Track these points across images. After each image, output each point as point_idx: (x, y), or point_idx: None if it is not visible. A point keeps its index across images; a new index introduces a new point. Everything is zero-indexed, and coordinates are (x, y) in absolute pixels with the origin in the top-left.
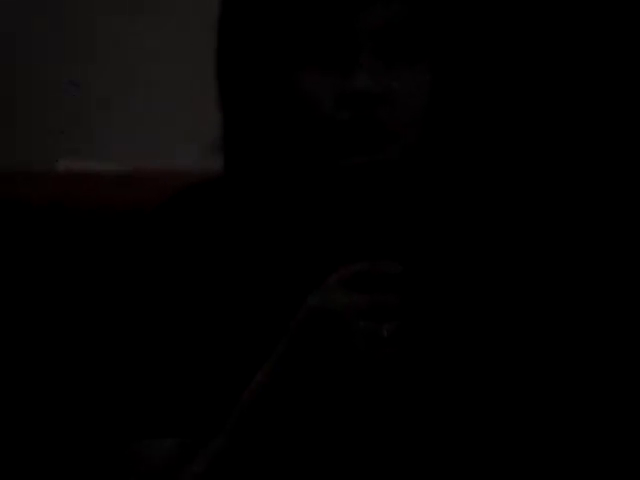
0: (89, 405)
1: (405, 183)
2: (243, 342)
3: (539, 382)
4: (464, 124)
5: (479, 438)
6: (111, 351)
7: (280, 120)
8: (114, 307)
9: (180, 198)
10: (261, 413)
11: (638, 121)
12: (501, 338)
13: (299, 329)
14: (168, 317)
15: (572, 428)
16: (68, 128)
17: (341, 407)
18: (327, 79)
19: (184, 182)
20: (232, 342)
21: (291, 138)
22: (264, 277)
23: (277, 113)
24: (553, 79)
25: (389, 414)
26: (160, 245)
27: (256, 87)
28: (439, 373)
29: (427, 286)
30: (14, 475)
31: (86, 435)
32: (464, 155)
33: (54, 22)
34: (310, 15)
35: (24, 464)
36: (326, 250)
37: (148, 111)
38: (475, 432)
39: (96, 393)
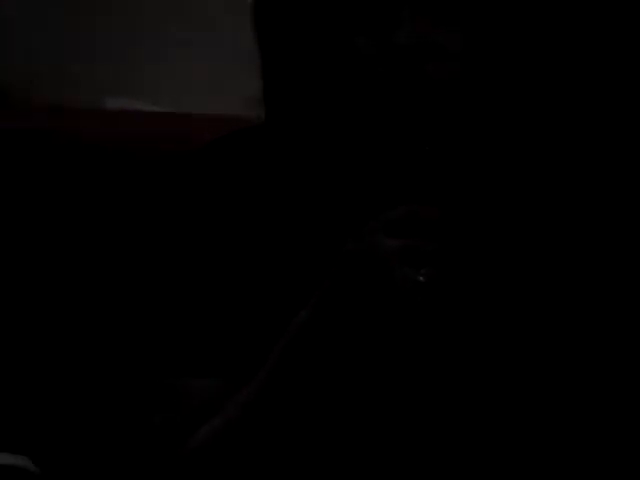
0: (130, 340)
1: (446, 132)
2: (284, 285)
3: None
4: (506, 83)
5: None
6: (154, 285)
7: (325, 80)
8: (157, 241)
9: (222, 142)
10: (300, 355)
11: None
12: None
13: (339, 271)
14: (209, 256)
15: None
16: (117, 67)
17: (378, 350)
18: (368, 37)
19: (228, 127)
20: (273, 285)
21: (335, 95)
22: (305, 220)
23: (322, 73)
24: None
25: (421, 360)
26: (202, 185)
27: (296, 45)
28: (469, 322)
29: (465, 233)
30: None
31: (125, 370)
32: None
33: None
34: None
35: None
36: (366, 195)
37: (197, 57)
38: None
39: (137, 327)
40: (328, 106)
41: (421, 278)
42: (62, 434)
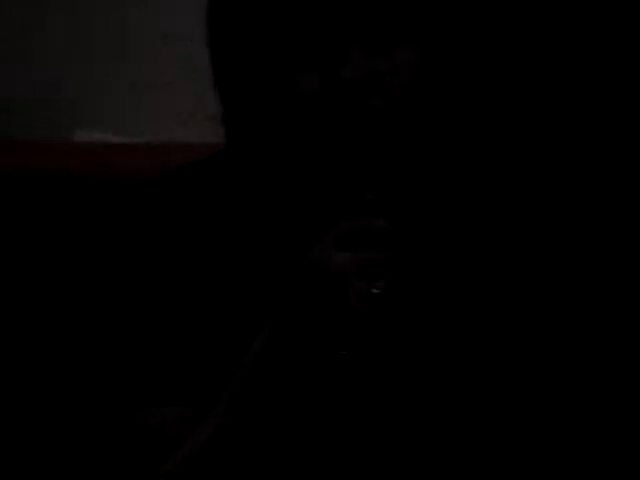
0: (91, 375)
1: (396, 145)
2: (241, 304)
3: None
4: (455, 102)
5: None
6: (113, 316)
7: (273, 113)
8: (118, 272)
9: (184, 171)
10: (260, 375)
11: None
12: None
13: (293, 289)
14: (167, 283)
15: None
16: (84, 102)
17: (336, 367)
18: (314, 73)
19: (191, 154)
20: (230, 305)
21: (285, 129)
22: (260, 240)
23: (270, 106)
24: (543, 66)
25: (382, 371)
26: (163, 213)
27: (248, 79)
28: (431, 329)
29: (415, 242)
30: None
31: (89, 405)
32: (456, 124)
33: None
34: (297, 8)
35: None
36: (319, 209)
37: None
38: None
39: (97, 362)
40: (280, 138)
41: (375, 290)
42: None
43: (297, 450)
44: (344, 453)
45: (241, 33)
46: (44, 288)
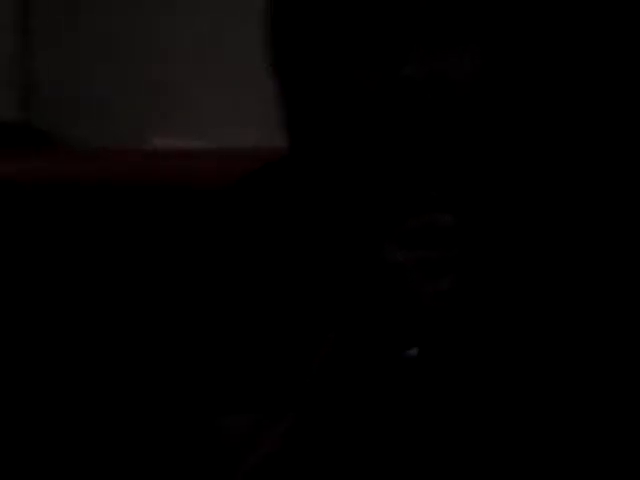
0: (164, 385)
1: (457, 147)
2: (308, 308)
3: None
4: (519, 102)
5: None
6: (181, 328)
7: (337, 110)
8: (188, 280)
9: (252, 177)
10: (330, 379)
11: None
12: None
13: (360, 292)
14: (234, 291)
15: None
16: (162, 108)
17: (403, 364)
18: (378, 70)
19: (260, 159)
20: (297, 310)
21: (347, 126)
22: (327, 242)
23: (334, 105)
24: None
25: (447, 368)
26: (234, 226)
27: (309, 79)
28: (497, 329)
29: (483, 239)
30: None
31: (164, 414)
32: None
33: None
34: (356, 7)
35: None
36: (384, 207)
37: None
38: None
39: (170, 373)
40: (343, 138)
41: (444, 287)
42: None
43: (367, 451)
44: (413, 454)
45: (303, 32)
46: (121, 287)
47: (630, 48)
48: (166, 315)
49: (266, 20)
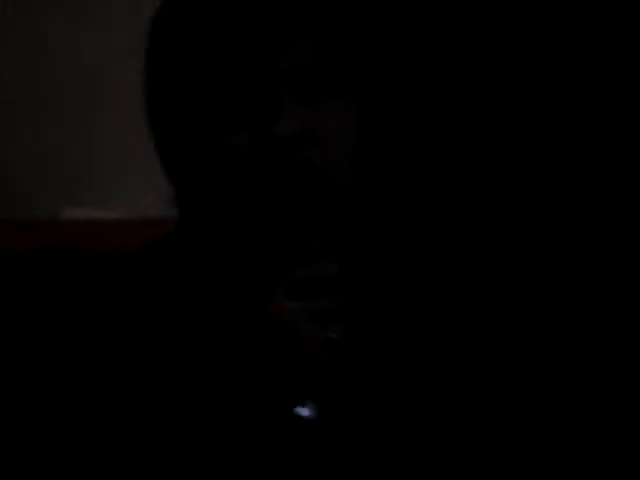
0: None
1: (340, 201)
2: (206, 364)
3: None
4: (390, 153)
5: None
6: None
7: (212, 175)
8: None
9: (149, 246)
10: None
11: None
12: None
13: (251, 338)
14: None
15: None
16: (71, 178)
17: (294, 408)
18: (251, 129)
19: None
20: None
21: (223, 190)
22: (218, 302)
23: (208, 169)
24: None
25: (341, 415)
26: (128, 292)
27: (184, 147)
28: (390, 371)
29: (366, 286)
30: None
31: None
32: (396, 170)
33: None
34: (228, 70)
35: None
36: (267, 263)
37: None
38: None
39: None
40: (224, 201)
41: (332, 335)
42: None
43: None
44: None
45: (175, 107)
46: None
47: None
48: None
49: (144, 101)
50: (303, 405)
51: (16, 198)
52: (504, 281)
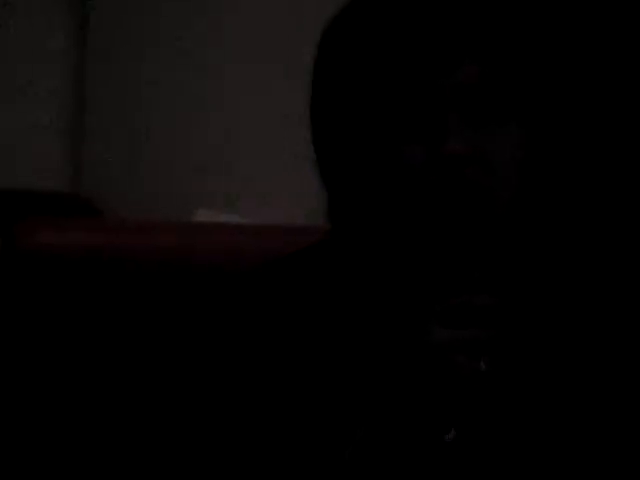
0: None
1: (500, 229)
2: (347, 384)
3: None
4: (561, 180)
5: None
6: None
7: (378, 190)
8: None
9: (286, 261)
10: (365, 465)
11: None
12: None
13: (402, 364)
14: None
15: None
16: (204, 182)
17: (443, 440)
18: (418, 146)
19: (301, 238)
20: (334, 394)
21: (389, 205)
22: (368, 322)
23: (374, 184)
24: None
25: (490, 447)
26: (262, 304)
27: (350, 162)
28: (536, 405)
29: (520, 319)
30: None
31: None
32: (561, 202)
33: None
34: (396, 87)
35: None
36: (423, 287)
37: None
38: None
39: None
40: (384, 215)
41: (483, 366)
42: None
43: None
44: None
45: (344, 114)
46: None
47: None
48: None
49: (310, 110)
50: (448, 433)
51: (150, 198)
52: None
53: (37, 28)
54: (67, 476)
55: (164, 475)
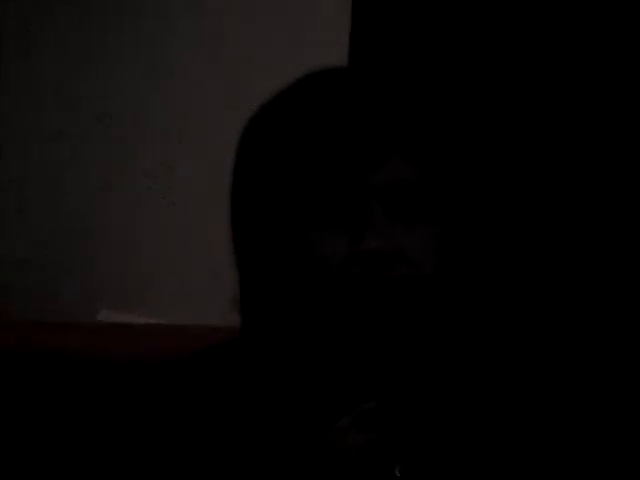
0: None
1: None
2: None
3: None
4: (479, 275)
5: None
6: None
7: (294, 282)
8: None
9: (197, 359)
10: None
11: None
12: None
13: (316, 471)
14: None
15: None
16: (108, 282)
17: None
18: (339, 240)
19: (212, 337)
20: None
21: (305, 297)
22: (277, 425)
23: (290, 276)
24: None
25: None
26: (173, 403)
27: (268, 252)
28: None
29: (429, 423)
30: None
31: None
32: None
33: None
34: (319, 180)
35: None
36: (333, 393)
37: (183, 269)
38: None
39: None
40: (299, 309)
41: (397, 473)
42: None
43: None
44: None
45: (262, 206)
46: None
47: None
48: None
49: (230, 199)
50: None
51: (51, 299)
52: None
53: None
54: None
55: None
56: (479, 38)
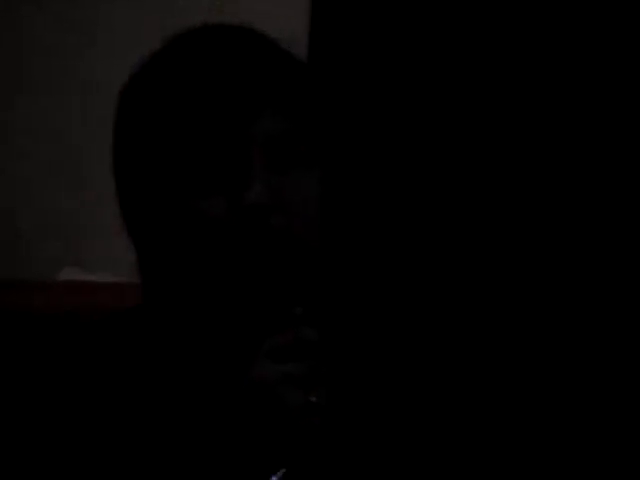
0: None
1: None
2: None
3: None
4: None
5: None
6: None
7: (181, 242)
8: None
9: (99, 326)
10: None
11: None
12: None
13: (234, 404)
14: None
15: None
16: (69, 240)
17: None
18: (222, 196)
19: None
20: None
21: (194, 258)
22: (197, 371)
23: (177, 236)
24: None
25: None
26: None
27: (154, 215)
28: (372, 436)
29: (345, 349)
30: None
31: None
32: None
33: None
34: (196, 139)
35: None
36: (248, 327)
37: None
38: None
39: None
40: (193, 269)
41: (313, 399)
42: None
43: None
44: None
45: (143, 170)
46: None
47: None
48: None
49: (113, 166)
50: (276, 472)
51: (15, 258)
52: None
53: None
54: None
55: None
56: None
